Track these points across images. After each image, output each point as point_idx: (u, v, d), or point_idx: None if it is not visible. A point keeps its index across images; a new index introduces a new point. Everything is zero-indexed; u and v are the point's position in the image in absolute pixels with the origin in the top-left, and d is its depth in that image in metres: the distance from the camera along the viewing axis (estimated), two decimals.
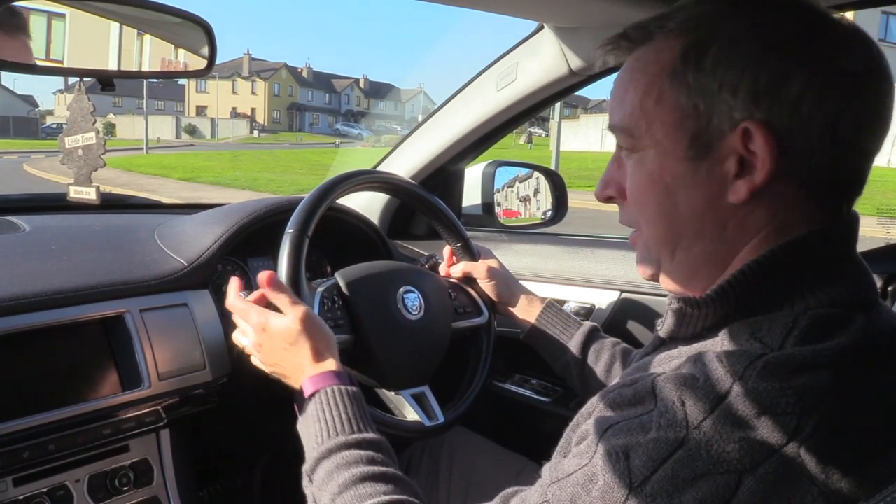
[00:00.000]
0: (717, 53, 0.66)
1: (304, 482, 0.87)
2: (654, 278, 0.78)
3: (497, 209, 1.78)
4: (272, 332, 0.97)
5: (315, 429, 0.88)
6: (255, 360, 1.03)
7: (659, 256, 0.75)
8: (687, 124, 0.68)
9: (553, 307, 1.29)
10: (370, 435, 0.88)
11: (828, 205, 0.69)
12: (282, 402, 0.99)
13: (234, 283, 1.05)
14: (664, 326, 0.74)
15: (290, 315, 0.97)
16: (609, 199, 0.79)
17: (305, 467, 0.87)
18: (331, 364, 0.96)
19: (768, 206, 0.68)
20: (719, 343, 0.66)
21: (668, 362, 0.71)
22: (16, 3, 1.01)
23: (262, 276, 1.00)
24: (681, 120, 0.69)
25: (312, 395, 0.92)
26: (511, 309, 1.32)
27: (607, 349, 1.22)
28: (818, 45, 0.65)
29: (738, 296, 0.67)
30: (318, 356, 0.96)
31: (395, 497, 0.79)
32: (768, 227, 0.68)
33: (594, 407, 0.70)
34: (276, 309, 1.00)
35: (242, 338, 1.04)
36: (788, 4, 0.68)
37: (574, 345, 1.23)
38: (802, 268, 0.66)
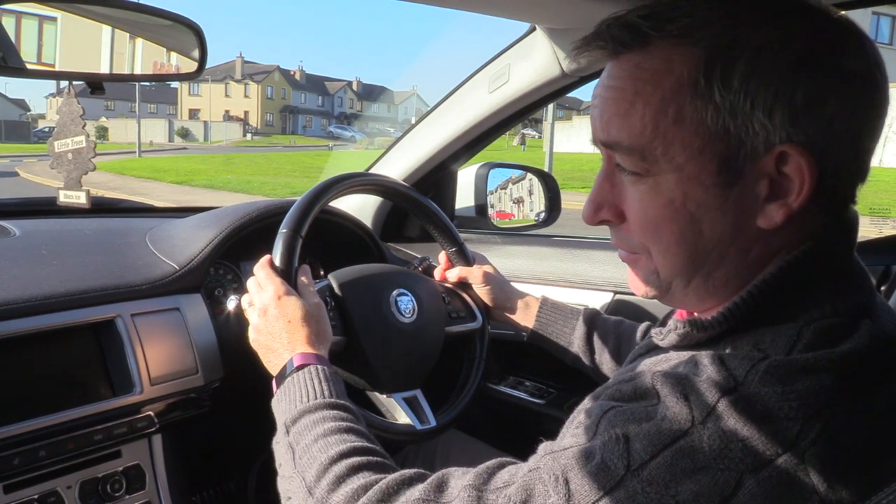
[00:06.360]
0: (747, 67, 0.59)
1: (279, 435, 0.88)
2: (657, 298, 0.72)
3: (490, 211, 1.78)
4: (282, 305, 1.01)
5: (302, 392, 0.90)
6: (250, 331, 1.05)
7: (670, 283, 0.69)
8: (715, 147, 0.62)
9: (548, 304, 1.29)
10: (356, 411, 0.91)
11: (837, 211, 0.66)
12: None
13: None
14: (665, 339, 0.70)
15: (308, 298, 1.04)
16: (601, 223, 0.72)
17: (286, 419, 0.87)
18: (324, 353, 1.00)
19: (793, 226, 0.64)
20: (720, 348, 0.65)
21: (664, 363, 0.69)
22: (6, 6, 1.00)
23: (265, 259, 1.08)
24: (707, 143, 0.62)
25: (303, 366, 0.94)
26: (508, 314, 1.32)
27: (612, 331, 1.22)
28: (843, 55, 0.61)
29: (746, 313, 0.64)
30: (315, 344, 0.99)
31: (375, 447, 0.82)
32: (789, 245, 0.65)
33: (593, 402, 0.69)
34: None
35: (248, 307, 1.07)
36: (807, 10, 0.63)
37: (577, 336, 1.23)
38: (808, 280, 0.64)
